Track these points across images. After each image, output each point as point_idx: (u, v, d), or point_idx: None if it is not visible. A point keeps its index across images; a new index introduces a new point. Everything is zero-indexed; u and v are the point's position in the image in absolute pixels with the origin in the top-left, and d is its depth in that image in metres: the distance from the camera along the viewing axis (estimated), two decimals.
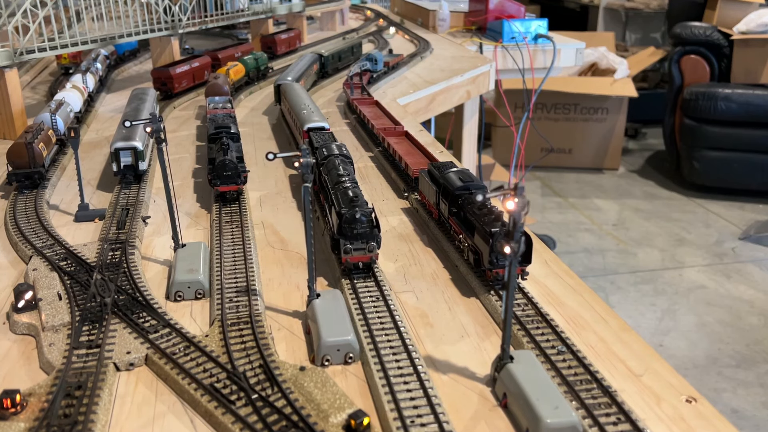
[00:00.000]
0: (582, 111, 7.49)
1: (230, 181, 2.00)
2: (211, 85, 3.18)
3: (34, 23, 2.79)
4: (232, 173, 2.00)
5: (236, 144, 2.24)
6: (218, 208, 2.00)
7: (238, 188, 2.02)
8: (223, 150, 2.07)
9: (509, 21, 4.79)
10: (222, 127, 2.28)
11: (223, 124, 2.31)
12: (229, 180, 2.00)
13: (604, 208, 6.60)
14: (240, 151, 2.20)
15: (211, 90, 3.15)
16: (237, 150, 2.19)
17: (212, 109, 2.73)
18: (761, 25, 6.52)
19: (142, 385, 1.29)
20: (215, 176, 2.00)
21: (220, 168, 2.00)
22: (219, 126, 2.28)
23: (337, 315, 1.41)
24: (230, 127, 2.30)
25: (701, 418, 1.20)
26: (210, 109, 2.73)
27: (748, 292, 5.00)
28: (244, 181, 2.05)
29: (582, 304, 1.56)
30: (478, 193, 1.52)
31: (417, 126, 2.95)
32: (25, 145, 2.19)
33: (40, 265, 1.67)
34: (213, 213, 1.99)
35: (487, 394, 1.26)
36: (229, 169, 2.00)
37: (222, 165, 2.00)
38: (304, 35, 5.15)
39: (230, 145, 2.14)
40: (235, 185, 2.01)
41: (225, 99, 2.91)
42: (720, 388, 3.98)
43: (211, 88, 3.16)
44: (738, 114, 6.40)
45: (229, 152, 2.07)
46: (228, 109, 2.71)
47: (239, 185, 2.02)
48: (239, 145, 2.26)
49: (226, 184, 1.99)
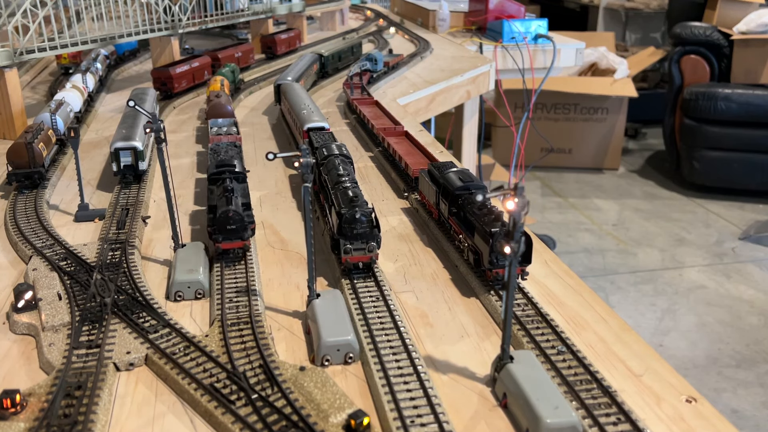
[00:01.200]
0: (582, 111, 7.49)
1: (235, 236, 1.70)
2: (213, 106, 2.84)
3: (34, 23, 2.79)
4: (237, 227, 1.69)
5: (242, 185, 1.93)
6: None
7: (243, 245, 1.70)
8: (227, 197, 1.74)
9: (509, 21, 4.79)
10: (225, 165, 1.95)
11: (227, 161, 1.99)
12: (234, 235, 1.69)
13: (604, 208, 6.60)
14: (246, 195, 1.89)
15: (213, 111, 2.81)
16: (243, 194, 1.87)
17: (215, 135, 2.44)
18: (761, 25, 6.52)
19: (142, 385, 1.29)
20: (216, 230, 1.68)
21: (223, 221, 1.68)
22: (221, 164, 1.96)
23: (337, 315, 1.41)
24: (234, 164, 1.98)
25: (701, 418, 1.20)
26: (213, 135, 2.44)
27: (748, 292, 5.00)
28: (251, 234, 1.75)
29: (582, 304, 1.56)
30: (478, 193, 1.53)
31: (417, 126, 2.95)
32: (25, 145, 2.19)
33: (40, 265, 1.67)
34: None
35: (487, 394, 1.26)
36: (234, 222, 1.68)
37: (225, 217, 1.67)
38: (304, 35, 5.15)
39: (235, 188, 1.81)
40: (240, 241, 1.70)
41: (229, 122, 2.62)
42: (720, 388, 3.98)
43: (214, 109, 2.82)
44: (738, 114, 6.40)
45: (234, 199, 1.74)
46: (233, 135, 2.44)
47: (245, 240, 1.70)
48: (245, 186, 1.96)
49: (229, 239, 1.69)
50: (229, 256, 1.70)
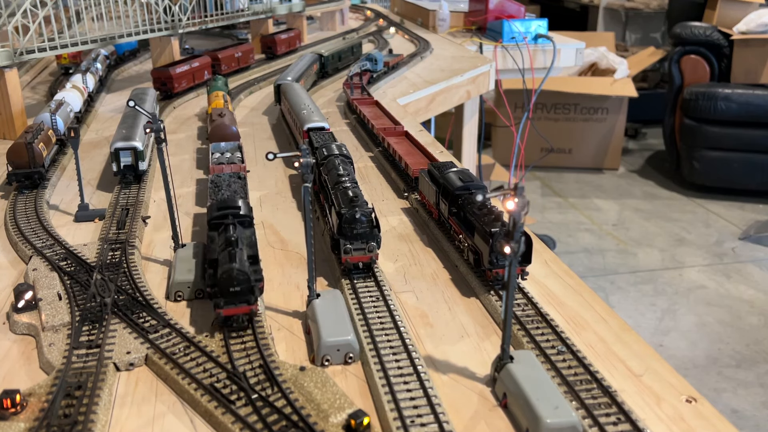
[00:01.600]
0: (582, 111, 7.49)
1: (240, 300, 1.36)
2: (216, 127, 2.46)
3: (34, 23, 2.79)
4: (242, 288, 1.35)
5: (248, 231, 1.57)
6: None
7: (250, 310, 1.37)
8: (230, 253, 1.39)
9: (509, 21, 4.79)
10: (227, 207, 1.60)
11: (229, 202, 1.64)
12: (239, 298, 1.35)
13: (604, 208, 6.60)
14: (254, 245, 1.53)
15: (216, 133, 2.44)
16: (249, 243, 1.52)
17: (216, 163, 2.11)
18: (761, 25, 6.52)
19: (142, 385, 1.29)
20: (218, 293, 1.36)
21: (225, 282, 1.35)
22: (223, 205, 1.61)
23: (337, 315, 1.41)
24: (239, 205, 1.62)
25: (701, 418, 1.20)
26: (213, 163, 2.11)
27: (748, 292, 5.00)
28: (260, 294, 1.43)
29: (582, 304, 1.56)
30: (478, 193, 1.53)
31: (417, 126, 2.95)
32: (25, 145, 2.19)
33: (40, 265, 1.67)
34: None
35: (487, 394, 1.26)
36: (239, 283, 1.35)
37: (227, 278, 1.35)
38: (304, 35, 5.15)
39: (239, 238, 1.47)
40: (246, 305, 1.36)
41: (233, 146, 2.28)
42: (720, 388, 3.97)
43: (217, 131, 2.44)
44: (738, 114, 6.40)
45: (238, 253, 1.40)
46: (237, 164, 2.11)
47: (252, 305, 1.37)
48: (252, 232, 1.58)
49: (233, 304, 1.35)
50: (232, 325, 1.38)
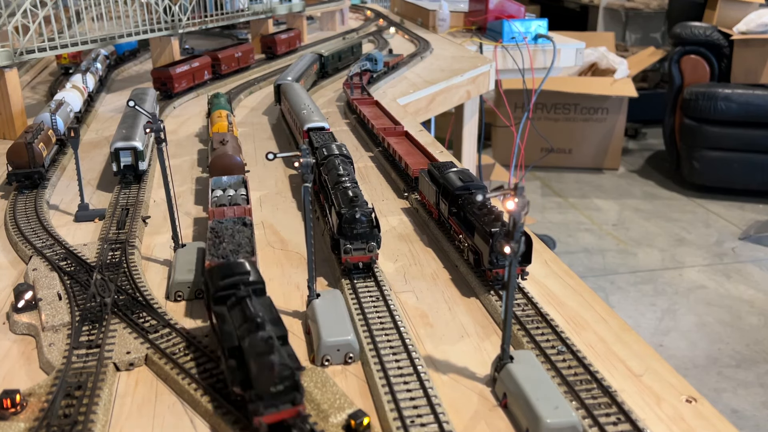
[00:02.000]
0: (582, 111, 7.49)
1: (284, 400, 1.02)
2: (218, 158, 2.07)
3: (34, 23, 2.79)
4: (287, 385, 1.02)
5: (263, 300, 1.23)
6: None
7: (297, 412, 1.03)
8: (263, 341, 1.06)
9: (509, 21, 4.79)
10: (234, 273, 1.27)
11: (236, 267, 1.29)
12: (283, 398, 1.02)
13: (604, 208, 6.60)
14: (277, 320, 1.17)
15: (218, 165, 2.05)
16: (272, 318, 1.16)
17: (217, 204, 1.78)
18: (761, 25, 6.52)
19: (142, 385, 1.29)
20: (253, 395, 1.03)
21: (265, 381, 1.01)
22: (229, 272, 1.27)
23: (337, 315, 1.41)
24: (247, 270, 1.29)
25: (701, 418, 1.20)
26: (213, 204, 1.78)
27: (748, 292, 5.00)
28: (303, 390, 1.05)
29: (582, 304, 1.56)
30: (478, 193, 1.53)
31: (417, 126, 2.95)
32: (25, 145, 2.19)
33: (40, 265, 1.67)
34: None
35: (487, 394, 1.26)
36: (284, 379, 1.01)
37: (268, 375, 1.01)
38: (304, 35, 5.15)
39: (264, 319, 1.12)
40: (291, 407, 1.02)
41: (237, 180, 1.96)
42: (720, 388, 3.97)
43: (219, 162, 2.05)
44: (738, 114, 6.40)
45: (272, 340, 1.06)
46: (241, 206, 1.76)
47: (299, 405, 1.03)
48: (268, 301, 1.23)
49: (274, 406, 1.01)
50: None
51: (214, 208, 1.75)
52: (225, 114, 2.61)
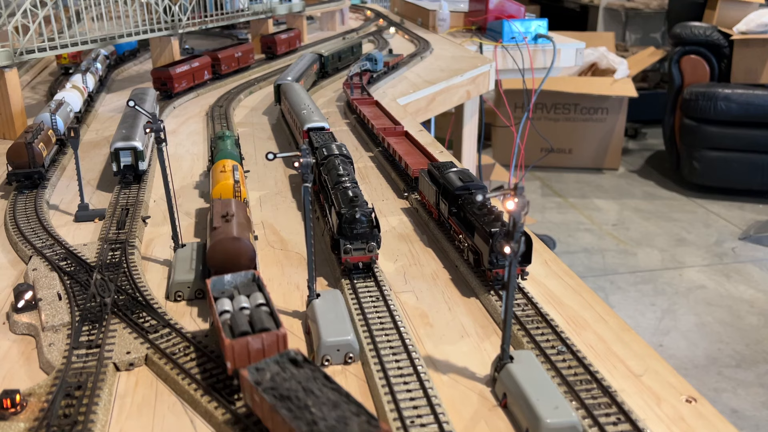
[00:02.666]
0: (582, 111, 7.49)
1: None
2: (218, 242, 1.47)
3: (34, 23, 2.79)
4: None
5: None
6: None
7: None
8: None
9: (509, 21, 4.79)
10: None
11: None
12: None
13: (604, 208, 6.60)
14: None
15: (218, 253, 1.47)
16: None
17: (231, 329, 1.18)
18: (761, 25, 6.52)
19: (142, 385, 1.29)
20: None
21: None
22: None
23: (337, 315, 1.41)
24: None
25: (701, 418, 1.20)
26: (224, 328, 1.18)
27: (748, 292, 5.00)
28: None
29: (582, 304, 1.56)
30: (478, 193, 1.53)
31: (417, 126, 2.95)
32: (25, 145, 2.19)
33: (40, 265, 1.67)
34: None
35: (487, 394, 1.26)
36: None
37: None
38: (304, 35, 5.15)
39: None
40: None
41: (245, 279, 1.37)
42: (720, 388, 3.97)
43: (220, 248, 1.47)
44: (738, 114, 6.40)
45: None
46: (272, 331, 1.15)
47: None
48: None
49: None
50: None
51: (232, 340, 1.12)
52: (231, 167, 1.93)
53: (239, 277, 1.37)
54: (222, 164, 1.97)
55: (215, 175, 1.94)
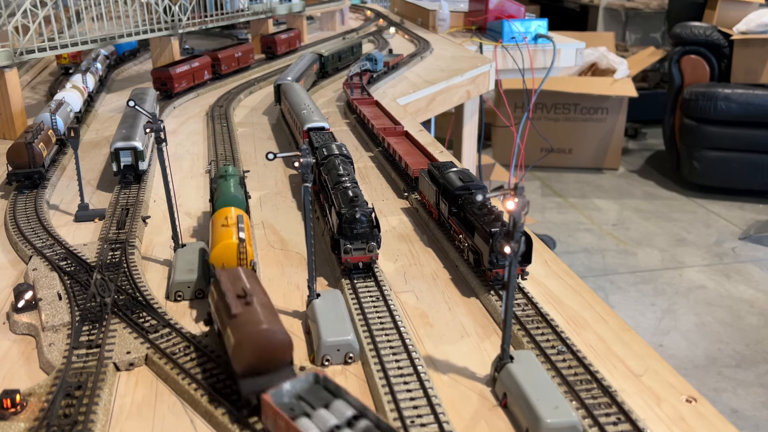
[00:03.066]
0: (582, 111, 7.49)
1: None
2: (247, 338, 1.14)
3: (34, 23, 2.79)
4: None
5: None
6: None
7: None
8: None
9: (509, 21, 4.79)
10: None
11: None
12: None
13: (604, 208, 6.60)
14: None
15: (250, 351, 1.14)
16: None
17: None
18: (761, 25, 6.52)
19: (142, 385, 1.29)
20: None
21: None
22: None
23: (337, 315, 1.41)
24: None
25: (701, 418, 1.20)
26: None
27: (748, 292, 5.00)
28: None
29: (582, 304, 1.56)
30: (478, 193, 1.53)
31: (417, 126, 2.95)
32: (25, 145, 2.19)
33: (40, 265, 1.67)
34: None
35: (487, 394, 1.26)
36: None
37: None
38: (304, 35, 5.15)
39: None
40: None
41: (307, 382, 1.09)
42: (720, 388, 3.97)
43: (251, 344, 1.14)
44: (738, 114, 6.40)
45: None
46: None
47: None
48: None
49: None
50: None
51: None
52: (235, 218, 1.59)
53: (299, 383, 1.09)
54: (224, 215, 1.62)
55: (215, 229, 1.58)
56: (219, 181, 1.87)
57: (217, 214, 1.65)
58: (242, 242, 1.48)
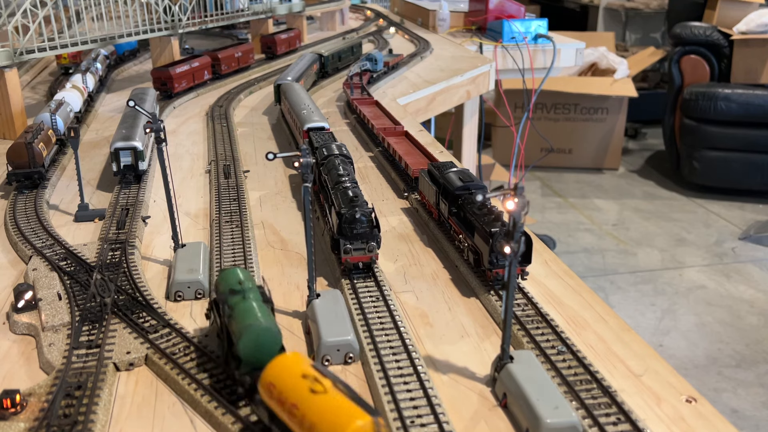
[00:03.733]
0: (582, 111, 7.48)
1: None
2: None
3: (34, 23, 2.79)
4: None
5: None
6: (218, 207, 2.00)
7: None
8: None
9: (509, 21, 4.79)
10: None
11: None
12: None
13: (604, 208, 6.60)
14: None
15: None
16: None
17: None
18: (761, 25, 6.52)
19: (142, 385, 1.29)
20: None
21: None
22: None
23: (337, 315, 1.41)
24: None
25: (701, 418, 1.19)
26: None
27: (748, 292, 5.00)
28: None
29: (582, 304, 1.56)
30: (478, 193, 1.53)
31: (417, 126, 2.95)
32: (25, 145, 2.19)
33: (40, 265, 1.67)
34: (213, 213, 1.99)
35: (487, 394, 1.26)
36: None
37: None
38: (304, 35, 5.15)
39: None
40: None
41: None
42: (720, 388, 3.97)
43: None
44: (738, 114, 6.40)
45: None
46: None
47: None
48: None
49: None
50: None
51: None
52: (320, 369, 1.05)
53: None
54: (299, 369, 1.02)
55: (299, 399, 0.99)
56: (233, 300, 1.24)
57: (279, 370, 1.01)
58: (376, 415, 0.92)
